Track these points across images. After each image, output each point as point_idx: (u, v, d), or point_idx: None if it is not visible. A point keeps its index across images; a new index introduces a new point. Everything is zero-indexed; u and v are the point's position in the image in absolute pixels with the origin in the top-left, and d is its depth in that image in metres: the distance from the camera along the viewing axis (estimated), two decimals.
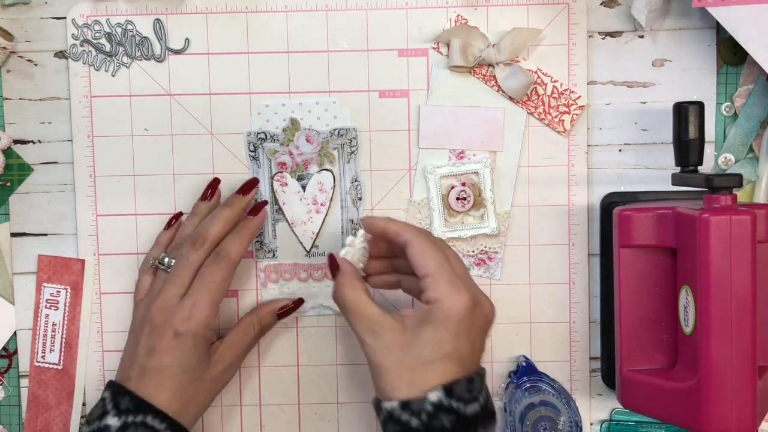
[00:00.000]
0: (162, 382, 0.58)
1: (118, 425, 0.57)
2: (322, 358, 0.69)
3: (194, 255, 0.61)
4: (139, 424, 0.57)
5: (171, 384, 0.59)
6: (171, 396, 0.58)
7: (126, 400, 0.58)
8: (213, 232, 0.61)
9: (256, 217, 0.64)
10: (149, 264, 0.64)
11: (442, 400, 0.53)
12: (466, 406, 0.53)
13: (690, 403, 0.56)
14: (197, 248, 0.61)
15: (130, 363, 0.60)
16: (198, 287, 0.60)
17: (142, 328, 0.60)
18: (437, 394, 0.53)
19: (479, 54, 0.66)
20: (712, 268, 0.54)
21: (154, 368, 0.59)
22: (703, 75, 0.67)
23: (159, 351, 0.59)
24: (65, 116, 0.67)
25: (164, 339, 0.59)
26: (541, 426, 0.65)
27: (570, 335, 0.69)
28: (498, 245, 0.68)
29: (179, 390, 0.59)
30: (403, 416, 0.53)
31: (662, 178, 0.67)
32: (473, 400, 0.54)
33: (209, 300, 0.59)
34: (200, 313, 0.59)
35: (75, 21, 0.66)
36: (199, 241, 0.61)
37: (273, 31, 0.67)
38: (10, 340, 0.69)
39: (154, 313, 0.59)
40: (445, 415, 0.53)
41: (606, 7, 0.67)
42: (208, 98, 0.67)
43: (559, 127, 0.67)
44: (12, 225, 0.68)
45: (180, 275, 0.60)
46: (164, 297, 0.60)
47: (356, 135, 0.67)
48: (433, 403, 0.53)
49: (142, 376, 0.59)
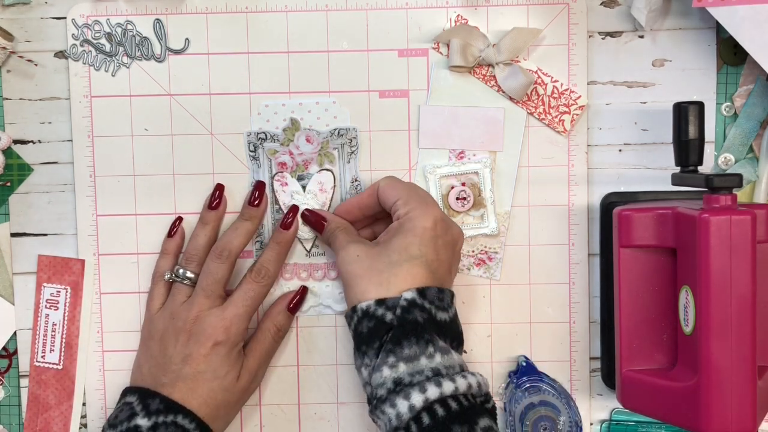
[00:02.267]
0: (195, 388, 0.61)
1: (149, 425, 0.59)
2: (322, 358, 0.69)
3: (221, 269, 0.63)
4: (170, 424, 0.59)
5: (203, 390, 0.61)
6: (202, 401, 0.61)
7: (156, 402, 0.60)
8: (236, 244, 0.64)
9: (290, 230, 0.66)
10: (165, 277, 0.65)
11: (416, 299, 0.57)
12: (437, 311, 0.58)
13: (690, 403, 0.56)
14: (222, 261, 0.64)
15: (161, 371, 0.62)
16: (239, 300, 0.63)
17: (175, 337, 0.62)
18: (411, 293, 0.57)
19: (479, 54, 0.66)
20: (712, 268, 0.54)
21: (189, 375, 0.61)
22: (703, 75, 0.67)
23: (196, 358, 0.61)
24: (65, 116, 0.67)
25: (203, 347, 0.61)
26: (541, 426, 0.65)
27: (570, 335, 0.69)
28: (498, 245, 0.68)
29: (210, 396, 0.61)
30: (378, 311, 0.57)
31: (662, 178, 0.67)
32: (444, 309, 0.58)
33: (248, 313, 0.63)
34: (240, 324, 0.62)
35: (75, 21, 0.66)
36: (224, 255, 0.64)
37: (273, 31, 0.67)
38: (10, 340, 0.69)
39: (192, 322, 0.62)
40: (418, 312, 0.57)
41: (606, 7, 0.67)
42: (208, 98, 0.67)
43: (559, 127, 0.67)
44: (12, 225, 0.68)
45: (212, 290, 0.63)
46: (199, 308, 0.63)
47: (356, 135, 0.67)
48: (407, 299, 0.57)
49: (175, 382, 0.61)
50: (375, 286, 0.58)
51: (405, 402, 0.54)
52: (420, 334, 0.56)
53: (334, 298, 0.68)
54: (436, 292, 0.58)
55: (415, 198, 0.61)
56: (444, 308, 0.58)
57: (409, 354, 0.55)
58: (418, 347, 0.56)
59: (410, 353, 0.55)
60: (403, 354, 0.55)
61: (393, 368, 0.55)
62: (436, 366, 0.55)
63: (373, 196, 0.64)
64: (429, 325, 0.57)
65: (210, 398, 0.61)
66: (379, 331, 0.57)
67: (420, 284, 0.58)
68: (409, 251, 0.58)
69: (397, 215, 0.61)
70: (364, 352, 0.57)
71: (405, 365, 0.55)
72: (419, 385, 0.54)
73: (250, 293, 0.63)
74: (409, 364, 0.55)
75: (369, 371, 0.57)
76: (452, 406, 0.54)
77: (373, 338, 0.57)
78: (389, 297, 0.57)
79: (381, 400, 0.55)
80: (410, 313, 0.56)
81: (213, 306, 0.63)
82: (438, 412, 0.54)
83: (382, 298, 0.57)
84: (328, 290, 0.68)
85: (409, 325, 0.56)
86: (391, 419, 0.54)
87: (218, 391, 0.62)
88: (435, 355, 0.56)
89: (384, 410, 0.55)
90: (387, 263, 0.58)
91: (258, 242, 0.68)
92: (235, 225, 0.65)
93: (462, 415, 0.54)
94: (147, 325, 0.66)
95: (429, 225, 0.59)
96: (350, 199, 0.66)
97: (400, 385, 0.55)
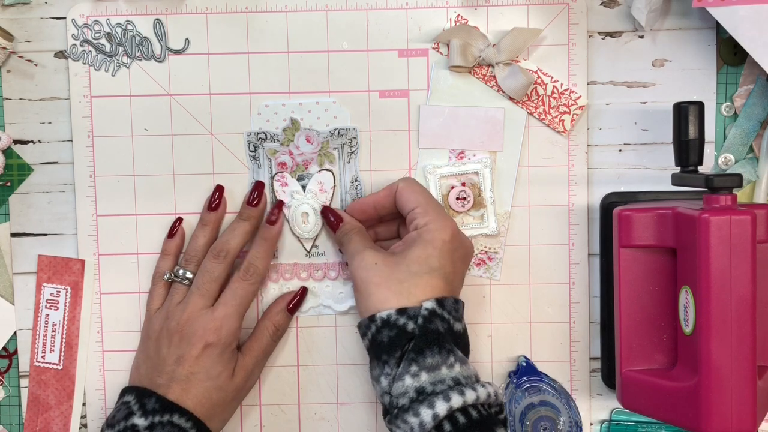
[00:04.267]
0: (189, 389, 0.61)
1: (146, 425, 0.59)
2: (322, 358, 0.69)
3: (218, 268, 0.64)
4: (166, 423, 0.59)
5: (197, 390, 0.61)
6: (197, 401, 0.61)
7: (152, 401, 0.60)
8: (234, 245, 0.64)
9: (275, 225, 0.65)
10: (164, 277, 0.66)
11: (436, 309, 0.57)
12: (454, 321, 0.59)
13: (690, 403, 0.56)
14: (220, 261, 0.64)
15: (156, 371, 0.62)
16: (229, 299, 0.63)
17: (168, 338, 0.63)
18: (431, 302, 0.57)
19: (479, 54, 0.66)
20: (712, 268, 0.54)
21: (182, 376, 0.61)
22: (703, 75, 0.67)
23: (188, 359, 0.61)
24: (65, 116, 0.67)
25: (194, 348, 0.61)
26: (541, 426, 0.65)
27: (570, 335, 0.69)
28: (498, 245, 0.68)
29: (205, 396, 0.61)
30: (399, 320, 0.57)
31: (662, 178, 0.67)
32: (459, 320, 0.59)
33: (239, 312, 0.63)
34: (231, 324, 0.62)
35: (75, 21, 0.66)
36: (221, 255, 0.64)
37: (273, 31, 0.67)
38: (10, 340, 0.69)
39: (184, 323, 0.62)
40: (439, 321, 0.57)
41: (606, 7, 0.67)
42: (208, 98, 0.67)
43: (559, 127, 0.67)
44: (12, 225, 0.68)
45: (207, 288, 0.63)
46: (192, 308, 0.62)
47: (356, 135, 0.67)
48: (428, 309, 0.57)
49: (170, 383, 0.61)
50: (395, 295, 0.58)
51: (429, 411, 0.54)
52: (441, 344, 0.56)
53: (334, 298, 0.68)
54: (453, 302, 0.59)
55: (433, 208, 0.61)
56: (459, 319, 0.59)
57: (432, 363, 0.56)
58: (440, 356, 0.56)
59: (432, 362, 0.56)
60: (426, 363, 0.56)
61: (415, 377, 0.55)
62: (456, 375, 0.56)
63: (390, 197, 0.64)
64: (448, 335, 0.57)
65: (205, 398, 0.61)
66: (401, 341, 0.57)
67: (438, 295, 0.58)
68: (429, 263, 0.59)
69: (415, 224, 0.61)
70: (384, 362, 0.57)
71: (427, 374, 0.55)
72: (443, 394, 0.54)
73: (239, 291, 0.63)
74: (431, 373, 0.55)
75: (389, 381, 0.57)
76: (473, 415, 0.55)
77: (395, 347, 0.57)
78: (410, 306, 0.57)
79: (402, 410, 0.55)
80: (431, 322, 0.57)
81: (207, 306, 0.63)
82: (459, 420, 0.54)
83: (403, 307, 0.57)
84: (328, 290, 0.68)
85: (431, 335, 0.56)
86: (413, 428, 0.54)
87: (212, 390, 0.62)
88: (455, 365, 0.56)
89: (406, 419, 0.55)
90: (407, 273, 0.58)
91: None
92: (233, 225, 0.65)
93: (481, 424, 0.54)
94: (146, 325, 0.66)
95: (447, 238, 0.60)
96: (366, 198, 0.66)
97: (423, 394, 0.55)
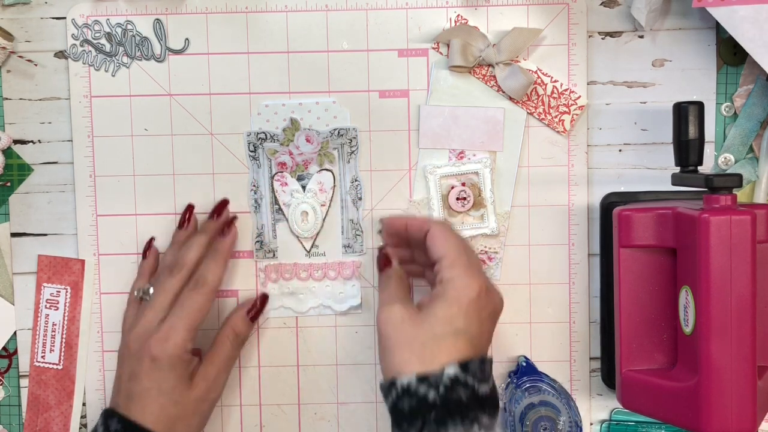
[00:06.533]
0: (145, 406, 0.60)
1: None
2: (322, 358, 0.69)
3: (171, 282, 0.62)
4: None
5: (153, 407, 0.60)
6: (155, 418, 0.60)
7: (114, 422, 0.60)
8: (189, 258, 0.63)
9: (227, 237, 0.65)
10: (135, 295, 0.65)
11: (459, 375, 0.54)
12: (479, 385, 0.55)
13: (690, 403, 0.56)
14: (174, 275, 0.62)
15: (117, 390, 0.62)
16: (176, 311, 0.61)
17: (122, 355, 0.62)
18: (454, 368, 0.54)
19: (479, 54, 0.66)
20: (712, 268, 0.54)
21: (136, 392, 0.60)
22: (703, 75, 0.67)
23: (140, 375, 0.60)
24: (65, 116, 0.67)
25: (143, 362, 0.60)
26: (541, 426, 0.65)
27: (570, 335, 0.69)
28: (498, 245, 0.68)
29: (162, 412, 0.60)
30: (420, 389, 0.54)
31: (662, 178, 0.67)
32: (485, 381, 0.56)
33: (186, 324, 0.61)
34: (176, 336, 0.60)
35: (75, 21, 0.66)
36: (176, 268, 0.62)
37: (273, 31, 0.67)
38: (10, 340, 0.69)
39: (133, 339, 0.61)
40: (462, 389, 0.54)
41: (606, 7, 0.67)
42: (208, 98, 0.67)
43: (559, 127, 0.67)
44: (12, 225, 0.68)
45: (159, 301, 0.62)
46: (142, 323, 0.61)
47: (356, 135, 0.67)
48: (450, 376, 0.54)
49: (129, 400, 0.60)
50: (417, 359, 0.55)
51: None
52: (465, 414, 0.54)
53: (334, 298, 0.68)
54: (478, 363, 0.55)
55: (462, 262, 0.58)
56: (485, 379, 0.56)
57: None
58: (462, 427, 0.54)
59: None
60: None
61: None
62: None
63: (421, 233, 0.61)
64: (472, 403, 0.54)
65: (162, 414, 0.60)
66: (422, 411, 0.54)
67: (462, 357, 0.55)
68: (453, 324, 0.55)
69: (440, 277, 0.57)
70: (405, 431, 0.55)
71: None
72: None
73: (187, 302, 0.61)
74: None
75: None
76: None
77: (416, 418, 0.54)
78: (431, 373, 0.54)
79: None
80: (454, 391, 0.54)
81: (159, 319, 0.61)
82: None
83: (424, 375, 0.54)
84: (328, 290, 0.68)
85: (453, 405, 0.54)
86: None
87: (169, 405, 0.60)
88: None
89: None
90: (431, 336, 0.55)
91: (258, 242, 0.68)
92: (191, 239, 0.64)
93: None
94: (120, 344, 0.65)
95: (473, 296, 0.56)
96: (402, 218, 0.64)
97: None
